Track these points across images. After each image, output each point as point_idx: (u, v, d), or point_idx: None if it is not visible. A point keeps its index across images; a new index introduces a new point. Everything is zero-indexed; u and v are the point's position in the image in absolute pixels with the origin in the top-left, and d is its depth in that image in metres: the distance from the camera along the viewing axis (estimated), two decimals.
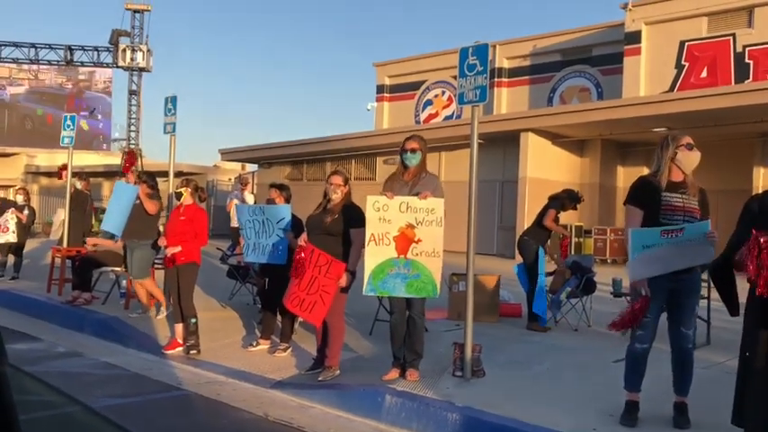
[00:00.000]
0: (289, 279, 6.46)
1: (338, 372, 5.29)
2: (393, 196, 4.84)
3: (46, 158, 33.61)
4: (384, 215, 4.78)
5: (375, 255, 4.77)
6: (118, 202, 7.56)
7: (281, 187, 6.76)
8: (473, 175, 5.06)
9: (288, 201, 6.87)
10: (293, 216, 6.42)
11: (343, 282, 5.13)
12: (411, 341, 5.07)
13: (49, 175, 33.07)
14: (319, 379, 5.20)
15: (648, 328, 4.06)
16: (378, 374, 5.20)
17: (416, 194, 4.85)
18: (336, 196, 5.35)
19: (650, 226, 3.97)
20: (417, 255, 4.78)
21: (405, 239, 4.77)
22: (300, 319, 7.06)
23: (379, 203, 4.80)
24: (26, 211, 10.84)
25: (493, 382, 4.92)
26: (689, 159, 4.07)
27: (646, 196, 4.10)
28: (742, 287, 3.60)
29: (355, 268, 5.22)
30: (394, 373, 5.07)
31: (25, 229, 10.89)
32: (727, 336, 6.25)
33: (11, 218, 10.32)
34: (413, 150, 5.06)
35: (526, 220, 17.81)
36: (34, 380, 1.23)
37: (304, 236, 5.40)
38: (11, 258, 10.63)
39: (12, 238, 10.26)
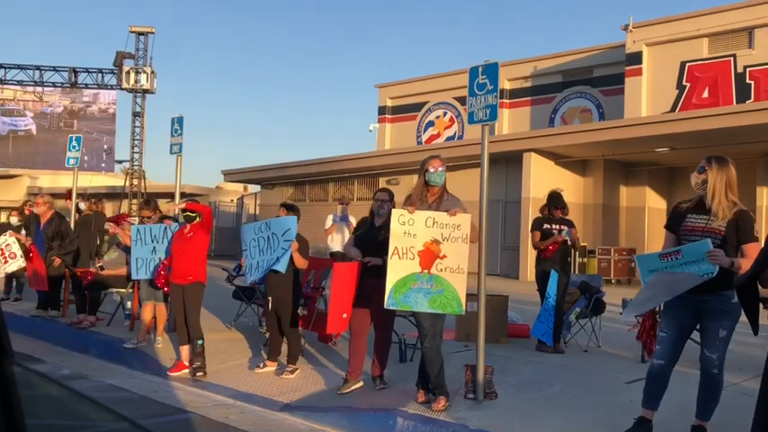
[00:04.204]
0: (292, 300, 6.42)
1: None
2: (415, 210, 4.81)
3: (49, 180, 33.69)
4: (409, 229, 4.74)
5: (398, 269, 4.72)
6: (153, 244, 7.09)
7: (290, 207, 6.72)
8: (483, 194, 5.05)
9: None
10: (299, 235, 6.35)
11: None
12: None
13: (52, 196, 33.02)
14: (380, 387, 5.46)
15: (664, 343, 4.02)
16: (389, 397, 5.14)
17: (445, 211, 4.82)
18: (384, 212, 5.49)
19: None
20: (441, 270, 4.72)
21: (429, 254, 4.72)
22: (305, 340, 7.01)
23: (404, 217, 4.77)
24: (24, 232, 10.48)
25: (505, 405, 4.85)
26: (692, 181, 4.09)
27: (672, 220, 4.19)
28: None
29: None
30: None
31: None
32: (742, 355, 6.18)
33: (12, 242, 9.86)
34: (439, 169, 5.00)
35: (530, 240, 17.78)
36: (83, 398, 1.22)
37: (358, 253, 5.46)
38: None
39: (22, 262, 9.74)
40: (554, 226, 7.12)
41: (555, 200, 7.26)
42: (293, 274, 6.34)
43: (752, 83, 18.04)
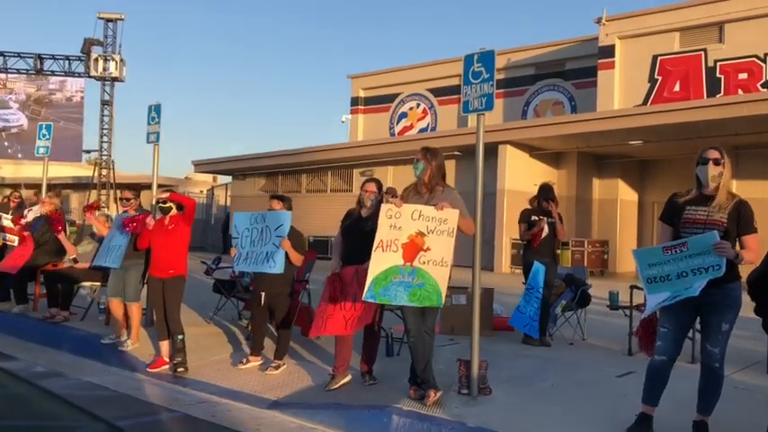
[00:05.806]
0: (288, 295, 6.27)
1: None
2: (402, 204, 4.71)
3: (12, 170, 32.75)
4: (395, 222, 4.63)
5: (381, 261, 4.60)
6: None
7: (282, 198, 6.55)
8: (479, 185, 4.98)
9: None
10: (293, 228, 6.19)
11: None
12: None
13: (14, 186, 32.20)
14: (369, 383, 5.35)
15: (665, 339, 3.98)
16: (380, 393, 5.04)
17: (434, 205, 4.72)
18: (372, 203, 5.42)
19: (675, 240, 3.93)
20: (424, 263, 4.61)
21: (413, 247, 4.60)
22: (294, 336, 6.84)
23: (392, 211, 4.66)
24: None
25: (501, 400, 4.76)
26: (702, 173, 4.00)
27: (670, 212, 4.10)
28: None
29: None
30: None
31: None
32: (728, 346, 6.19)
33: None
34: (417, 160, 4.98)
35: (505, 232, 17.84)
36: (58, 400, 1.09)
37: (337, 266, 5.40)
38: None
39: None
40: (542, 218, 7.08)
41: (546, 191, 7.22)
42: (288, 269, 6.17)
43: (722, 77, 18.32)
